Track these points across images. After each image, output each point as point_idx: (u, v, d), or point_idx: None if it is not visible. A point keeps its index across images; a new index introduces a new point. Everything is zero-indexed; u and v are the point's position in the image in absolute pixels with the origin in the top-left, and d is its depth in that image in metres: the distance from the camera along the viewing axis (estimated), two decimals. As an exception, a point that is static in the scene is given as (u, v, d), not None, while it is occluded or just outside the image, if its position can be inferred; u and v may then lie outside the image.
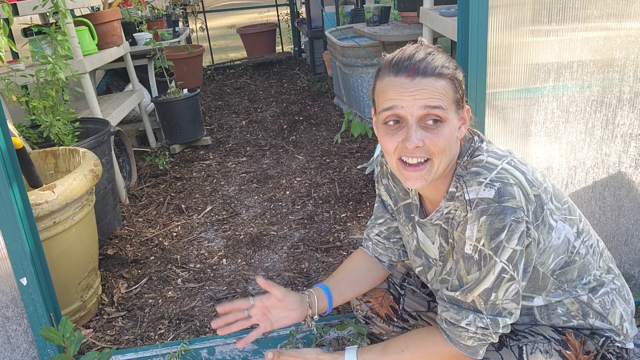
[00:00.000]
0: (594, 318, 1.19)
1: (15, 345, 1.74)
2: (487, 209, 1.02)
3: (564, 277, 1.16)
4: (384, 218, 1.41)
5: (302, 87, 5.64)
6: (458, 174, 1.12)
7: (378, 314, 1.48)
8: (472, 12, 1.47)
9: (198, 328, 2.03)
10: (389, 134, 1.07)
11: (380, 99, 1.08)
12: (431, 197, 1.21)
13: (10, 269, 1.63)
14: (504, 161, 1.08)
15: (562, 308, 1.19)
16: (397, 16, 3.99)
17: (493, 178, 1.04)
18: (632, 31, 1.55)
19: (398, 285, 1.48)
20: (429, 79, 1.03)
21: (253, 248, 2.57)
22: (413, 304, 1.47)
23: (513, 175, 1.05)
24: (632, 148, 1.69)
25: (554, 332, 1.19)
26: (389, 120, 1.06)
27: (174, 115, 3.85)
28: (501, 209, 1.02)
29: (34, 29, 2.63)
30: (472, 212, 1.04)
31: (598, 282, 1.19)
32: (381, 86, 1.08)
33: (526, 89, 1.59)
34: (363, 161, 3.45)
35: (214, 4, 8.17)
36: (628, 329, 1.22)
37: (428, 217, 1.21)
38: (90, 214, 2.11)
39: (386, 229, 1.42)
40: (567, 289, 1.17)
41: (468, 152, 1.13)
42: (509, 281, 1.06)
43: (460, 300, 1.11)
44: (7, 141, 1.58)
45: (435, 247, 1.23)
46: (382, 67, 1.10)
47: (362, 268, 1.43)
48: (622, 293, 1.23)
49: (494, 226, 1.02)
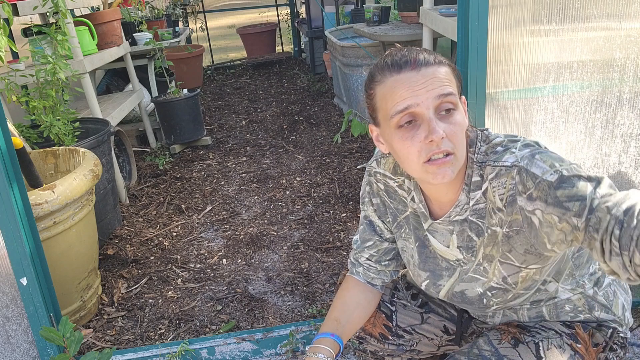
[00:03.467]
0: (599, 310, 1.20)
1: (15, 345, 1.74)
2: (534, 153, 0.99)
3: (578, 261, 1.16)
4: (372, 240, 1.33)
5: (302, 87, 5.64)
6: (479, 161, 1.07)
7: (371, 334, 1.41)
8: (472, 12, 1.47)
9: (198, 328, 2.03)
10: (408, 137, 0.99)
11: (389, 103, 1.00)
12: (442, 197, 1.14)
13: (10, 269, 1.63)
14: (523, 139, 1.07)
15: (570, 305, 1.19)
16: (397, 16, 3.98)
17: (521, 147, 1.03)
18: (632, 31, 1.55)
19: (388, 302, 1.41)
20: (433, 67, 0.99)
21: (253, 248, 2.57)
22: (406, 319, 1.40)
23: (537, 143, 1.05)
24: (632, 148, 1.69)
25: (564, 327, 1.19)
26: (404, 122, 0.99)
27: (174, 115, 3.85)
28: (544, 150, 1.00)
29: (34, 29, 2.63)
30: (521, 164, 0.99)
31: (602, 273, 1.19)
32: (385, 89, 1.01)
33: (526, 89, 1.59)
34: (363, 161, 3.45)
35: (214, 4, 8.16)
36: (629, 318, 1.24)
37: (446, 214, 1.14)
38: (90, 214, 2.11)
39: (376, 251, 1.33)
40: (576, 277, 1.17)
41: (479, 140, 1.09)
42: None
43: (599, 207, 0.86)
44: (7, 141, 1.58)
45: (454, 248, 1.17)
46: (375, 73, 1.04)
47: (363, 302, 1.34)
48: (621, 283, 1.24)
49: (550, 155, 0.98)
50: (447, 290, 1.24)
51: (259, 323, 2.03)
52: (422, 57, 1.00)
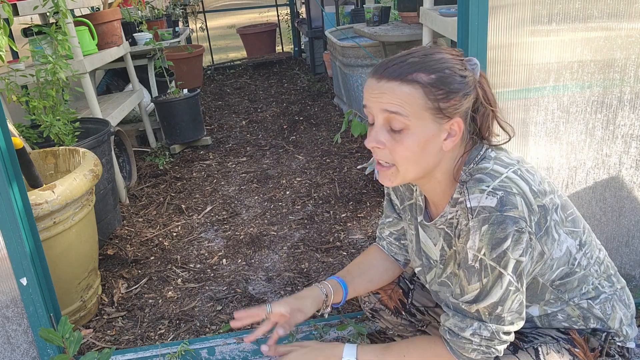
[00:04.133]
0: (594, 323, 1.19)
1: (15, 346, 1.74)
2: (489, 218, 1.00)
3: (564, 288, 1.16)
4: (391, 217, 1.42)
5: (302, 87, 5.64)
6: (462, 180, 1.10)
7: (387, 306, 1.48)
8: (472, 12, 1.47)
9: (198, 328, 2.02)
10: (368, 132, 1.10)
11: None
12: (436, 201, 1.19)
13: (10, 269, 1.63)
14: (510, 170, 1.06)
15: (563, 314, 1.18)
16: (397, 16, 3.98)
17: (496, 186, 1.02)
18: (632, 31, 1.55)
19: (408, 279, 1.48)
20: (392, 83, 1.02)
21: (253, 248, 2.57)
22: (422, 299, 1.47)
23: (517, 185, 1.03)
24: (633, 149, 1.69)
25: (559, 332, 1.19)
26: (368, 118, 1.09)
27: (174, 115, 3.85)
28: (503, 218, 0.99)
29: (34, 29, 2.63)
30: (473, 221, 1.02)
31: (597, 292, 1.18)
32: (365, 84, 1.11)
33: (526, 89, 1.59)
34: (363, 161, 3.44)
35: (214, 4, 8.16)
36: (628, 331, 1.22)
37: (432, 221, 1.20)
38: (90, 214, 2.11)
39: (396, 230, 1.42)
40: (565, 300, 1.17)
41: (475, 160, 1.11)
42: (515, 293, 1.05)
43: (464, 309, 1.10)
44: (7, 141, 1.58)
45: (437, 249, 1.23)
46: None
47: (379, 267, 1.43)
48: (623, 298, 1.22)
49: (496, 236, 1.00)
50: (429, 286, 1.32)
51: (259, 323, 2.03)
52: (392, 70, 1.03)
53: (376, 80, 1.04)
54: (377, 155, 1.08)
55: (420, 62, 1.03)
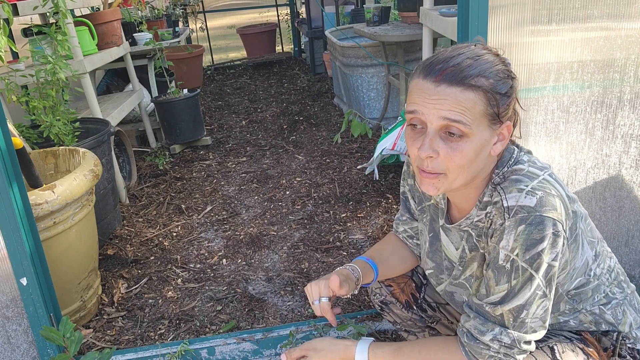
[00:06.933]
0: (605, 327, 1.19)
1: (15, 346, 1.74)
2: (527, 218, 0.96)
3: (578, 298, 1.15)
4: (405, 216, 1.40)
5: (302, 87, 5.64)
6: (495, 183, 1.07)
7: (398, 299, 1.45)
8: (472, 12, 1.47)
9: (198, 328, 2.03)
10: (412, 137, 1.03)
11: (408, 99, 1.03)
12: (460, 204, 1.17)
13: (10, 269, 1.63)
14: (546, 172, 1.04)
15: (575, 321, 1.18)
16: (397, 16, 3.99)
17: (535, 186, 0.99)
18: (632, 31, 1.55)
19: (422, 274, 1.45)
20: (454, 89, 0.96)
21: (253, 248, 2.57)
22: (434, 295, 1.44)
23: (555, 187, 1.01)
24: (633, 149, 1.69)
25: (571, 332, 1.19)
26: (413, 122, 1.02)
27: (174, 115, 3.85)
28: (541, 219, 0.96)
29: (34, 29, 2.63)
30: (509, 220, 0.99)
31: (608, 298, 1.18)
32: (410, 86, 1.04)
33: (526, 89, 1.59)
34: (363, 161, 3.44)
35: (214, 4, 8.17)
36: (638, 334, 1.22)
37: (456, 223, 1.17)
38: (90, 214, 2.11)
39: (410, 228, 1.41)
40: (579, 309, 1.16)
41: (509, 163, 1.08)
42: (541, 298, 1.01)
43: (487, 312, 1.06)
44: (7, 141, 1.58)
45: (458, 252, 1.21)
46: (418, 65, 1.05)
47: (399, 254, 1.42)
48: (633, 302, 1.22)
49: (532, 237, 0.96)
50: (444, 287, 1.29)
51: (259, 323, 2.03)
52: (452, 73, 0.97)
53: (434, 85, 0.97)
54: (427, 165, 1.01)
55: (476, 64, 0.98)
